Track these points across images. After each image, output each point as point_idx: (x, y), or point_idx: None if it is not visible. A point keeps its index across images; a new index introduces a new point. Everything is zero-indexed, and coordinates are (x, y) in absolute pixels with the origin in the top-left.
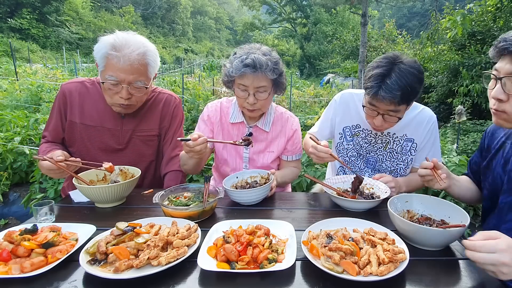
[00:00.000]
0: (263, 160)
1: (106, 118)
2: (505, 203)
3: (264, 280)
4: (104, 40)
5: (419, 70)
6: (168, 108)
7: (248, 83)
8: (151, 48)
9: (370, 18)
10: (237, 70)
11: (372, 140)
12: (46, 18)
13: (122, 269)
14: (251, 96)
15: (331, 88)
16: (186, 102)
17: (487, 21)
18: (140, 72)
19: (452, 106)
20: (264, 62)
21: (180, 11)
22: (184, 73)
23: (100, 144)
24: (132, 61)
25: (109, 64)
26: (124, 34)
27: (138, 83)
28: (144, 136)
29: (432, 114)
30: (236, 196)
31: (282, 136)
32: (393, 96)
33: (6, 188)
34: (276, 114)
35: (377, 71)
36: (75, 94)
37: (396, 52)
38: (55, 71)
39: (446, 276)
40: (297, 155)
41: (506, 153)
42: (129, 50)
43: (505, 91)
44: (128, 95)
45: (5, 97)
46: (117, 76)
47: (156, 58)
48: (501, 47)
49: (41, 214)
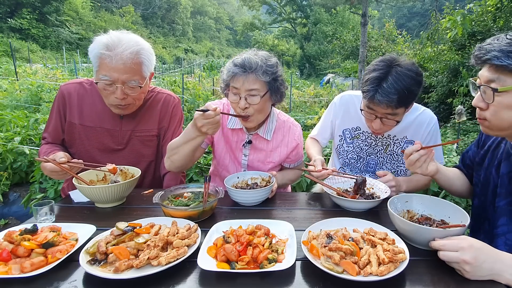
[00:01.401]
0: (261, 168)
1: (104, 118)
2: (497, 207)
3: (264, 280)
4: (97, 40)
5: (417, 72)
6: (167, 108)
7: (238, 85)
8: (145, 46)
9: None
10: (228, 71)
11: (373, 142)
12: (46, 18)
13: (122, 269)
14: (242, 99)
15: (331, 88)
16: (186, 102)
17: (487, 21)
18: (133, 71)
19: (452, 106)
20: (254, 62)
21: (180, 11)
22: (184, 73)
23: (99, 145)
24: (124, 60)
25: (102, 63)
26: (118, 33)
27: (132, 82)
28: (143, 136)
29: (432, 116)
30: (237, 196)
31: (284, 146)
32: (389, 100)
33: (6, 188)
34: (278, 122)
35: (374, 74)
36: (74, 95)
37: (394, 55)
38: (55, 71)
39: (446, 276)
40: (299, 162)
41: (500, 154)
42: (121, 49)
43: (484, 99)
44: (123, 94)
45: (5, 97)
46: (111, 76)
47: (151, 56)
48: (476, 56)
49: (41, 214)
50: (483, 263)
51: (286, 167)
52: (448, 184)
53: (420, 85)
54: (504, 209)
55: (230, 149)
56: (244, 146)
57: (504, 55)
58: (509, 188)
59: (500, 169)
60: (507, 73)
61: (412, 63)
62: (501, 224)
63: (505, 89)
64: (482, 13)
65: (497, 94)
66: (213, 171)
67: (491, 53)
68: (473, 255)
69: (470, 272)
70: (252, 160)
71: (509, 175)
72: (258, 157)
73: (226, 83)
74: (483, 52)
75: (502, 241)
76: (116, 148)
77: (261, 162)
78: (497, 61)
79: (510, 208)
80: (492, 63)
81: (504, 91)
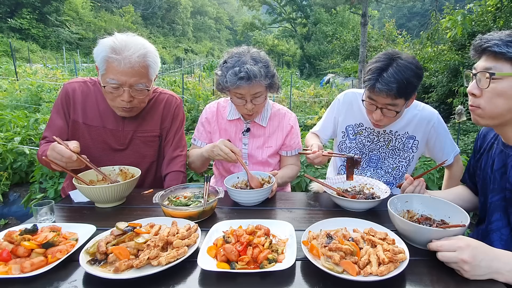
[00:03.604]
0: (262, 155)
1: (107, 118)
2: (491, 203)
3: (264, 280)
4: (103, 43)
5: (417, 65)
6: (169, 109)
7: (244, 92)
8: (151, 49)
9: (370, 18)
10: (232, 84)
11: (375, 138)
12: (46, 18)
13: (122, 269)
14: (249, 103)
15: (331, 88)
16: (186, 102)
17: (487, 21)
18: (141, 75)
19: (452, 106)
20: (257, 73)
21: (180, 11)
22: (184, 73)
23: (102, 145)
24: (133, 63)
25: (109, 67)
26: (124, 36)
27: (139, 85)
28: (145, 137)
29: (432, 112)
30: (237, 196)
31: (280, 131)
32: (389, 88)
33: (6, 188)
34: (273, 110)
35: (376, 65)
36: (78, 93)
37: (396, 50)
38: (55, 71)
39: (446, 276)
40: (296, 150)
41: (493, 153)
42: (129, 53)
43: (479, 86)
44: (130, 97)
45: (5, 97)
46: (118, 79)
47: (157, 59)
48: (477, 45)
49: (41, 214)
50: (481, 262)
51: (285, 155)
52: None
53: (420, 78)
54: (498, 204)
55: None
56: (244, 134)
57: (503, 43)
58: (501, 184)
59: (494, 166)
60: (504, 61)
61: (413, 57)
62: (495, 220)
63: (501, 74)
64: (482, 13)
65: (492, 81)
66: (214, 164)
67: (492, 41)
68: (470, 254)
69: (469, 272)
70: (252, 148)
71: (500, 171)
72: (257, 144)
73: (226, 89)
74: (484, 40)
75: (497, 236)
76: (118, 148)
77: (260, 148)
78: (497, 48)
79: (503, 204)
80: (492, 50)
81: (499, 77)
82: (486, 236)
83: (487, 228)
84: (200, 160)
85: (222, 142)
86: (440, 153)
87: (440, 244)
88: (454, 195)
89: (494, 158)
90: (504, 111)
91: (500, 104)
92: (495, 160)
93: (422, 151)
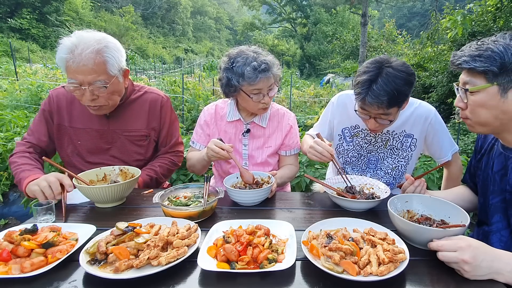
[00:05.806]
0: (262, 156)
1: (92, 119)
2: (491, 204)
3: (264, 280)
4: (61, 43)
5: (408, 72)
6: (154, 109)
7: (263, 85)
8: (108, 44)
9: (370, 18)
10: (253, 79)
11: (372, 139)
12: (46, 18)
13: (122, 269)
14: (266, 96)
15: (331, 88)
16: (186, 102)
17: (487, 21)
18: (97, 72)
19: (452, 106)
20: (274, 61)
21: (180, 11)
22: (184, 73)
23: (90, 145)
24: (85, 61)
25: (67, 67)
26: (82, 32)
27: (97, 83)
28: (132, 136)
29: (429, 109)
30: (236, 196)
31: (279, 131)
32: (380, 101)
33: (6, 188)
34: (272, 110)
35: (364, 77)
36: (63, 99)
37: (385, 56)
38: (55, 71)
39: (446, 276)
40: (295, 150)
41: (494, 154)
42: (79, 51)
43: (462, 100)
44: (93, 96)
45: (5, 97)
46: (76, 79)
47: (116, 53)
48: (451, 62)
49: (41, 214)
50: (482, 262)
51: (284, 155)
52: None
53: (411, 84)
54: (498, 206)
55: (229, 142)
56: (244, 135)
57: (472, 59)
58: (501, 186)
59: (494, 167)
60: (476, 75)
61: (403, 63)
62: (495, 221)
63: (474, 89)
64: (482, 13)
65: (470, 94)
66: (213, 164)
67: (462, 58)
68: (471, 254)
69: (470, 272)
70: (252, 149)
71: (500, 172)
72: (257, 144)
73: (240, 87)
74: (456, 57)
75: (497, 237)
76: (106, 147)
77: (260, 148)
78: (466, 64)
79: (503, 205)
80: (463, 67)
81: (475, 91)
82: (487, 237)
83: (487, 229)
84: (201, 164)
85: (212, 142)
86: (438, 150)
87: (440, 244)
88: (454, 195)
89: (494, 160)
90: (490, 120)
91: (483, 114)
92: (495, 162)
93: (421, 149)
